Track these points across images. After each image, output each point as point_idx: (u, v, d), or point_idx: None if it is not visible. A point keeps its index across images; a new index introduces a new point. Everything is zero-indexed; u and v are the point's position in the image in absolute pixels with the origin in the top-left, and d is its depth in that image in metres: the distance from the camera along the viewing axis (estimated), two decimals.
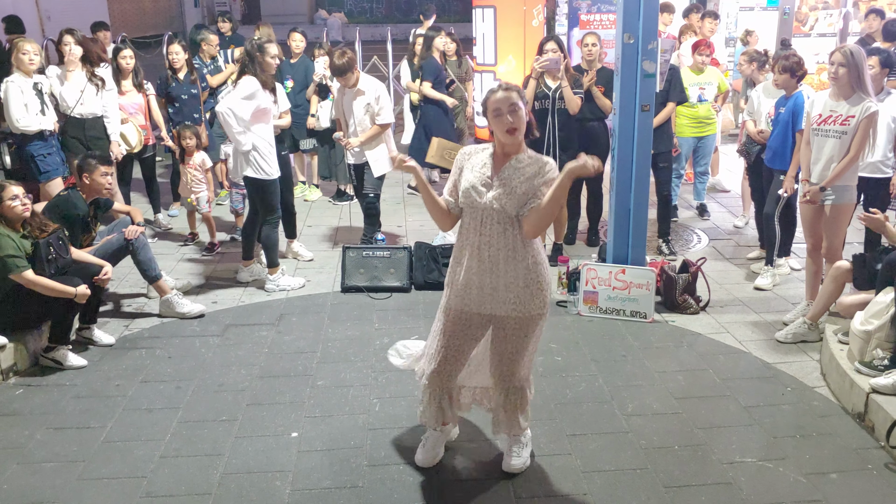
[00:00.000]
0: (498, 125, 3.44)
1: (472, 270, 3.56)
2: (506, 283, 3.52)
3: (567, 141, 6.28)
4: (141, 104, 7.46)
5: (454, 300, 3.63)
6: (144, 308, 5.82)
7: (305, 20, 27.35)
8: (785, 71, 5.76)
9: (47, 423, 4.28)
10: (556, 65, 6.05)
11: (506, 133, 3.43)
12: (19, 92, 6.21)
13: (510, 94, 3.43)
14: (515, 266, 3.51)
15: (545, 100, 6.22)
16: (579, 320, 5.53)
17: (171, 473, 3.82)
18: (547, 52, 6.13)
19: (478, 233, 3.53)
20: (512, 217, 3.47)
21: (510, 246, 3.50)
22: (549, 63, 6.03)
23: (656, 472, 3.78)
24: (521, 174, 3.46)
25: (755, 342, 5.17)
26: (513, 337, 3.61)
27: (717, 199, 8.37)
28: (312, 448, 4.03)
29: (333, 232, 7.54)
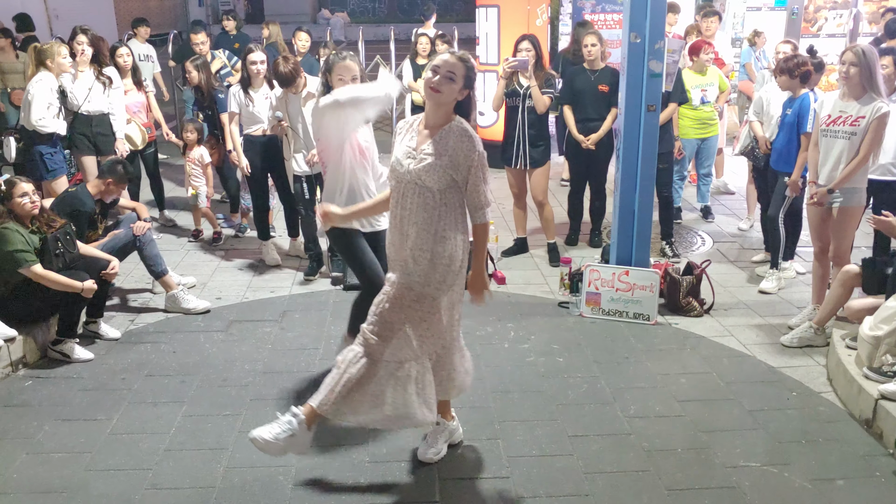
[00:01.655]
0: (425, 83, 3.41)
1: (394, 245, 3.56)
2: (414, 256, 3.48)
3: (536, 138, 6.40)
4: (143, 102, 7.51)
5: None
6: (150, 303, 5.86)
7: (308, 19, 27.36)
8: (783, 73, 5.77)
9: (55, 414, 4.33)
10: (525, 65, 6.14)
11: (428, 89, 3.38)
12: (48, 90, 6.36)
13: (455, 63, 3.39)
14: (426, 240, 3.45)
15: (516, 97, 6.32)
16: (581, 321, 5.55)
17: (175, 466, 3.85)
18: (521, 52, 6.19)
19: (400, 205, 3.50)
20: (433, 191, 3.41)
21: (427, 219, 3.44)
22: (518, 64, 6.14)
23: (659, 475, 3.79)
24: (445, 147, 3.40)
25: (760, 346, 5.17)
26: (409, 309, 3.54)
27: (722, 201, 8.39)
28: (317, 443, 4.01)
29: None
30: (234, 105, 6.35)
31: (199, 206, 7.20)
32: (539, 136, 6.41)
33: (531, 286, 6.20)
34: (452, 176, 3.42)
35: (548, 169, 6.56)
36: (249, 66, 6.26)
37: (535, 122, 6.36)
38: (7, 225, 4.71)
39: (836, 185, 5.02)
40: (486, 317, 5.56)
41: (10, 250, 4.66)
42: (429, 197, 3.43)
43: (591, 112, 6.74)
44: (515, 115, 6.37)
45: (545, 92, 6.25)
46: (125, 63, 7.34)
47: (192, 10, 26.06)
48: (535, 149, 6.41)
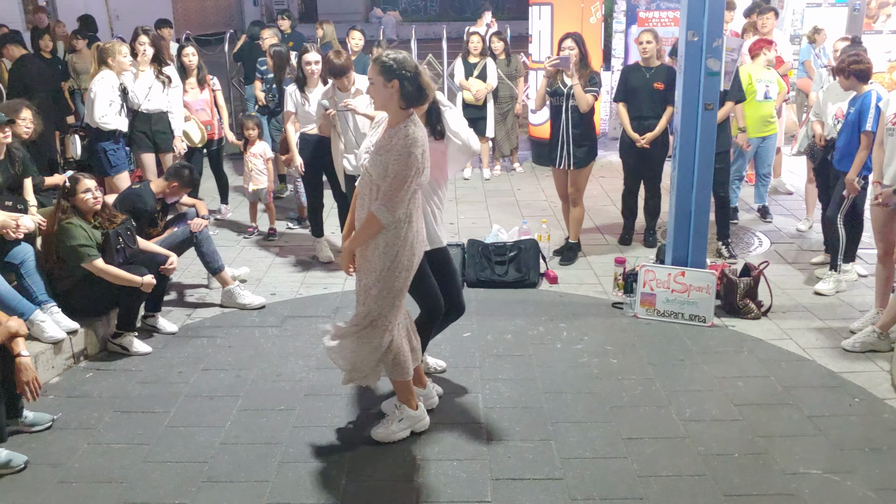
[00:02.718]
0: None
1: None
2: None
3: (580, 138, 6.29)
4: (206, 100, 7.63)
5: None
6: (206, 298, 5.96)
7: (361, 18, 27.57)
8: (839, 73, 5.65)
9: (115, 406, 4.43)
10: (566, 63, 6.02)
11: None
12: (110, 88, 6.55)
13: (370, 68, 3.67)
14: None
15: (559, 97, 6.23)
16: (636, 322, 5.48)
17: (230, 460, 3.91)
18: (564, 50, 6.11)
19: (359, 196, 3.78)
20: (377, 184, 3.66)
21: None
22: (559, 62, 6.03)
23: (715, 480, 3.72)
24: (390, 145, 3.61)
25: (819, 350, 5.04)
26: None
27: (780, 201, 8.21)
28: (368, 440, 4.07)
29: None
30: (291, 104, 6.41)
31: (261, 201, 7.29)
32: (583, 135, 6.30)
33: (584, 286, 6.15)
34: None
35: (590, 170, 6.50)
36: (304, 66, 6.32)
37: (579, 121, 6.26)
38: (71, 220, 4.83)
39: None
40: (538, 317, 5.53)
41: (74, 245, 4.78)
42: (374, 189, 3.68)
43: (646, 110, 6.66)
44: (559, 115, 6.29)
45: (588, 91, 6.15)
46: (190, 62, 7.51)
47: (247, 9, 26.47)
48: (580, 149, 6.31)
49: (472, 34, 9.27)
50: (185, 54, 7.56)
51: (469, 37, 9.23)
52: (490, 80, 9.02)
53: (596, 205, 8.29)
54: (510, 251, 6.19)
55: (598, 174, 9.57)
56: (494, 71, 9.07)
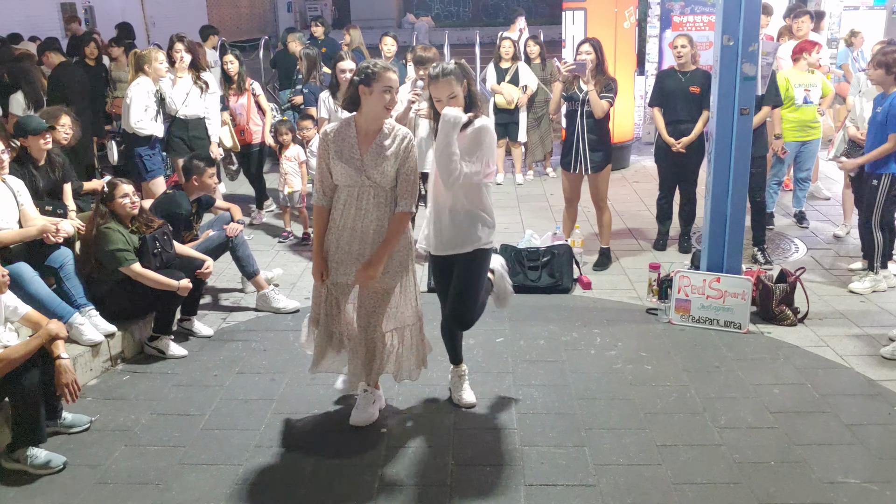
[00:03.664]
0: (380, 101, 3.83)
1: (343, 240, 3.97)
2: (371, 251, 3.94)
3: (596, 143, 6.28)
4: (244, 105, 7.73)
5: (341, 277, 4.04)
6: (241, 302, 6.01)
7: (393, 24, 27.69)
8: (880, 66, 5.54)
9: (151, 408, 4.49)
10: (582, 69, 6.02)
11: (384, 109, 3.85)
12: (145, 94, 6.65)
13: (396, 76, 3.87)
14: (378, 238, 3.94)
15: (575, 102, 6.23)
16: (670, 329, 5.44)
17: (265, 463, 3.94)
18: (581, 55, 6.11)
19: (355, 206, 3.92)
20: (386, 190, 3.92)
21: (382, 217, 3.93)
22: (576, 68, 6.03)
23: (751, 488, 3.68)
24: (387, 149, 3.89)
25: (857, 357, 4.97)
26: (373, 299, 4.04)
27: (817, 206, 8.10)
28: (401, 444, 4.09)
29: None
30: (324, 111, 6.46)
31: (296, 206, 7.39)
32: (599, 140, 6.29)
33: (618, 291, 6.12)
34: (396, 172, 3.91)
35: (608, 173, 6.47)
36: (339, 73, 6.37)
37: (595, 126, 6.25)
38: (109, 225, 4.91)
39: None
40: (571, 322, 5.51)
41: (112, 249, 4.85)
42: (381, 195, 3.92)
43: (681, 114, 6.62)
44: (574, 120, 6.30)
45: (604, 97, 6.14)
46: (229, 69, 7.65)
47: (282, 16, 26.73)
48: (595, 153, 6.28)
49: (504, 39, 9.27)
50: (227, 61, 7.73)
51: (501, 42, 9.24)
52: (527, 82, 9.01)
53: (630, 210, 8.24)
54: (543, 256, 6.18)
55: (632, 179, 9.54)
56: (528, 74, 9.06)
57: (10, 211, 4.77)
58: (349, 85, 4.01)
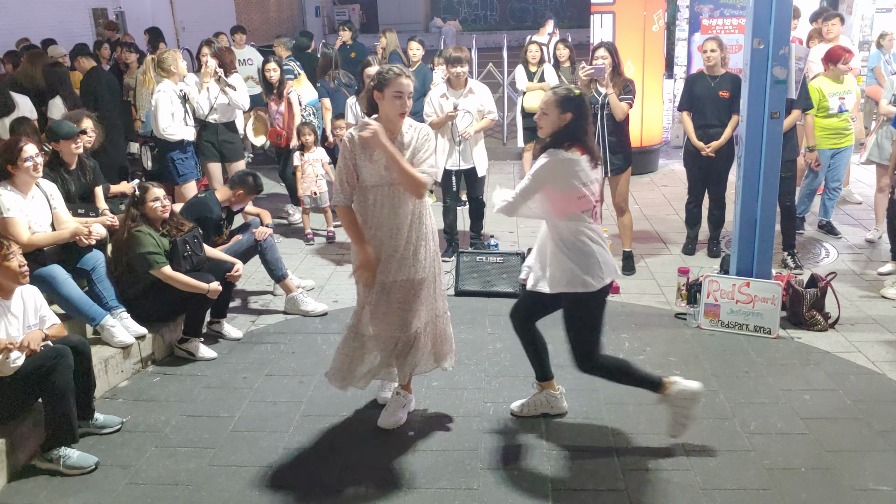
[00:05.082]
0: (394, 107, 3.90)
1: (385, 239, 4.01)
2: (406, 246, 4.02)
3: (616, 145, 6.30)
4: (282, 112, 7.83)
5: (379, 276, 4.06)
6: (270, 305, 6.06)
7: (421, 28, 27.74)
8: None
9: (181, 410, 4.54)
10: (601, 73, 6.05)
11: (396, 115, 3.91)
12: (169, 101, 6.67)
13: (411, 83, 3.94)
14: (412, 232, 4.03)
15: (594, 105, 6.23)
16: (699, 334, 5.40)
17: (293, 465, 3.98)
18: (597, 59, 6.14)
19: (388, 205, 3.99)
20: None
21: (414, 211, 4.03)
22: (594, 72, 6.04)
23: (781, 494, 3.65)
24: (408, 146, 4.00)
25: (890, 363, 4.90)
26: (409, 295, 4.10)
27: (848, 211, 8.00)
28: (428, 448, 4.10)
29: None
30: (351, 117, 6.51)
31: (322, 206, 7.49)
32: (619, 143, 6.32)
33: (646, 296, 6.08)
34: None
35: (629, 175, 6.48)
36: (366, 79, 6.40)
37: (615, 129, 6.27)
38: (140, 228, 4.98)
39: None
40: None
41: (142, 252, 4.92)
42: (406, 196, 3.99)
43: (711, 118, 6.58)
44: (595, 123, 6.28)
45: (623, 99, 6.17)
46: (271, 77, 7.75)
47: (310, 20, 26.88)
48: (616, 156, 6.30)
49: (531, 44, 9.27)
50: (269, 69, 7.84)
51: (528, 45, 9.24)
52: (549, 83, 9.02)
53: (659, 214, 8.19)
54: None
55: (660, 182, 9.48)
56: (554, 77, 9.05)
57: (43, 214, 4.85)
58: (367, 90, 4.09)
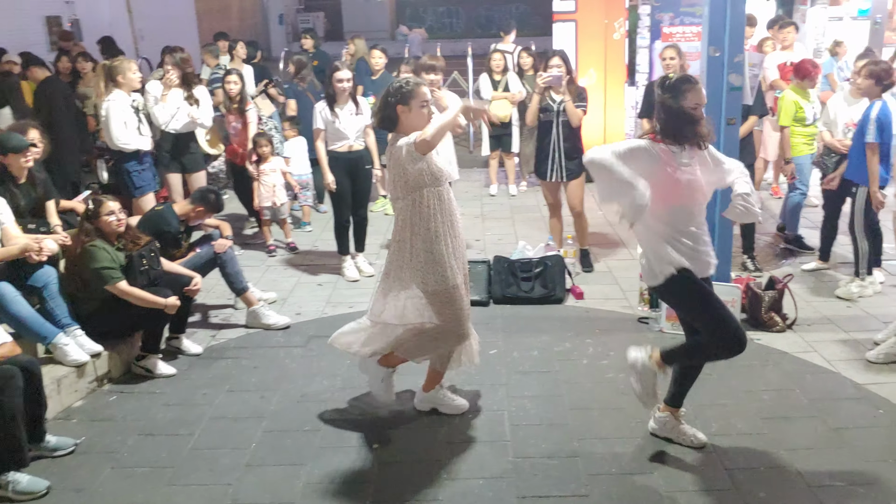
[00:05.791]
0: (422, 118, 4.01)
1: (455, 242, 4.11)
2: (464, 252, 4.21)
3: (571, 151, 6.44)
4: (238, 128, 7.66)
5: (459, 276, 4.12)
6: (231, 319, 5.99)
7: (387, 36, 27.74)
8: (871, 76, 5.59)
9: (139, 429, 4.45)
10: (559, 81, 6.24)
11: (426, 124, 3.97)
12: (120, 111, 6.41)
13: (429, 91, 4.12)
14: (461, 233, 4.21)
15: (549, 112, 6.40)
16: (662, 337, 5.43)
17: (255, 482, 3.92)
18: (552, 68, 6.27)
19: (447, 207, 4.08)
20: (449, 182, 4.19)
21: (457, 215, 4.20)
22: (552, 79, 6.23)
23: (741, 494, 3.70)
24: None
25: (845, 362, 4.99)
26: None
27: (805, 214, 8.08)
28: (393, 460, 4.08)
29: None
30: (320, 121, 6.48)
31: (281, 217, 7.46)
32: (574, 148, 6.46)
33: (610, 301, 6.12)
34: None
35: (583, 180, 6.56)
36: (336, 83, 6.38)
37: (570, 135, 6.43)
38: (94, 243, 4.88)
39: None
40: (563, 332, 5.51)
41: (97, 267, 4.82)
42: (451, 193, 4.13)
43: None
44: (549, 130, 6.45)
45: (578, 106, 6.32)
46: (231, 89, 7.57)
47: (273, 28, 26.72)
48: (571, 161, 6.44)
49: (494, 52, 9.30)
50: (228, 81, 7.59)
51: (491, 54, 9.28)
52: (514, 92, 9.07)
53: None
54: (536, 267, 6.19)
55: None
56: (518, 85, 9.09)
57: None
58: (383, 105, 4.07)
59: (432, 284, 4.04)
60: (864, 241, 5.87)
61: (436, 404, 4.51)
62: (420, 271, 4.05)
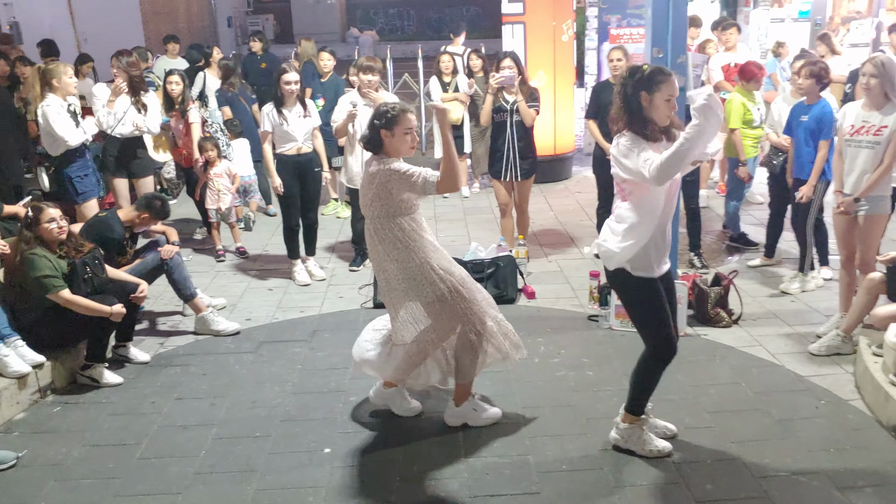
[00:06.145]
0: (403, 143, 4.04)
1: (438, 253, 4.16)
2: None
3: (525, 150, 6.58)
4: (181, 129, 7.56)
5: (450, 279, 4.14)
6: (179, 326, 5.90)
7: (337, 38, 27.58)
8: (812, 76, 5.73)
9: (84, 440, 4.36)
10: (511, 81, 6.35)
11: (409, 150, 4.07)
12: (57, 113, 6.21)
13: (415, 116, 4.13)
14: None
15: (503, 113, 6.50)
16: (611, 335, 5.50)
17: (205, 490, 3.87)
18: (503, 69, 6.36)
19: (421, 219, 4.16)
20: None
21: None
22: (504, 80, 6.33)
23: (689, 487, 3.75)
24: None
25: (788, 355, 5.11)
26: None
27: (750, 211, 8.28)
28: (345, 464, 4.06)
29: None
30: (268, 124, 6.43)
31: (226, 221, 7.41)
32: (527, 147, 6.59)
33: (561, 300, 6.18)
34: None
35: (532, 181, 6.77)
36: (283, 85, 6.36)
37: (524, 135, 6.54)
38: (34, 251, 4.77)
39: (861, 193, 5.05)
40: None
41: (38, 276, 4.72)
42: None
43: None
44: (504, 130, 6.54)
45: (531, 105, 6.43)
46: (172, 90, 7.48)
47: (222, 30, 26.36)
48: (525, 160, 6.58)
49: (442, 54, 9.32)
50: (170, 82, 7.50)
51: (440, 56, 9.30)
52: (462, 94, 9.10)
53: (573, 220, 8.33)
54: (488, 268, 6.22)
55: (574, 189, 9.65)
56: (465, 87, 9.13)
57: None
58: (370, 128, 4.08)
59: (429, 292, 4.08)
60: (811, 237, 6.01)
61: (467, 418, 4.38)
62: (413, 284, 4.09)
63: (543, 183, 9.48)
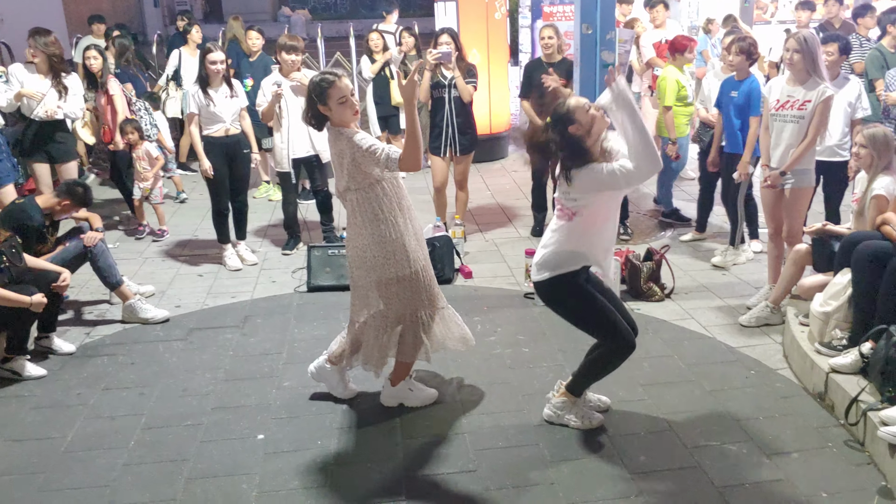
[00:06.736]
0: (344, 112, 3.93)
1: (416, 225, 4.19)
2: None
3: (464, 126, 6.61)
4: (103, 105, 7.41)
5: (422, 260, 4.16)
6: (106, 315, 5.73)
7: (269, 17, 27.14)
8: (741, 52, 5.82)
9: (5, 435, 4.20)
10: (448, 57, 6.33)
11: (353, 116, 3.97)
12: None
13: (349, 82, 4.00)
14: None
15: (441, 89, 6.50)
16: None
17: (134, 481, 3.77)
18: (441, 45, 6.35)
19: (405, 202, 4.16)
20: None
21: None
22: (441, 56, 6.31)
23: (622, 458, 3.81)
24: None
25: (719, 327, 5.21)
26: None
27: (683, 187, 8.41)
28: (279, 450, 3.99)
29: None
30: (194, 105, 6.25)
31: (153, 202, 7.32)
32: (466, 123, 6.61)
33: (498, 279, 6.19)
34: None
35: (471, 156, 6.77)
36: (209, 65, 6.19)
37: (462, 110, 6.55)
38: None
39: (787, 167, 5.14)
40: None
41: None
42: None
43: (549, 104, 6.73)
44: (442, 106, 6.53)
45: (468, 82, 6.42)
46: (91, 65, 7.32)
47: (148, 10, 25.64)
48: (464, 136, 6.61)
49: (371, 32, 9.24)
50: (88, 57, 7.40)
51: (369, 35, 9.20)
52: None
53: (508, 199, 8.35)
54: None
55: (510, 168, 9.67)
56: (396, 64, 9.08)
57: None
58: (308, 105, 3.98)
59: (394, 271, 4.01)
60: (741, 211, 6.13)
61: (402, 399, 4.37)
62: (381, 259, 4.01)
63: (480, 162, 9.48)
